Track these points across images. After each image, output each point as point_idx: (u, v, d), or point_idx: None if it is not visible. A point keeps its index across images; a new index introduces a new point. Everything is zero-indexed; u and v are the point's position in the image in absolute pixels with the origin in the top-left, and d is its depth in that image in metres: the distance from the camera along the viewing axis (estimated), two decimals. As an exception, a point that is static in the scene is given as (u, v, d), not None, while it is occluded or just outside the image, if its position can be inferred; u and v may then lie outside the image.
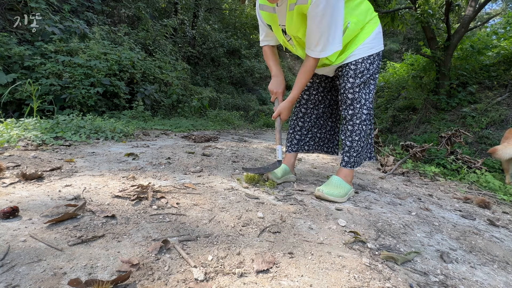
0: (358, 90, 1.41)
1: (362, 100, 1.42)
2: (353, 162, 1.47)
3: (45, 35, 4.10)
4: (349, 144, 1.46)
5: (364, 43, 1.40)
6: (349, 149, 1.46)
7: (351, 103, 1.42)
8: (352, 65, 1.40)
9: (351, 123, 1.44)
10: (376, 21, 1.44)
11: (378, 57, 1.45)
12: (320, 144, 1.78)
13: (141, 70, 5.11)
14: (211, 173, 1.61)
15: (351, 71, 1.40)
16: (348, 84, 1.41)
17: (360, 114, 1.43)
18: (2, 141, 1.85)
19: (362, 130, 1.45)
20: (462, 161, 2.70)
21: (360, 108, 1.42)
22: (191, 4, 9.54)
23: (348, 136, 1.46)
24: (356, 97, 1.41)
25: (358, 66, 1.40)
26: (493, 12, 14.65)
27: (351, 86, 1.41)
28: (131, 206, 1.01)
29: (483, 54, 5.58)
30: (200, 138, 3.17)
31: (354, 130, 1.44)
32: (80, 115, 3.01)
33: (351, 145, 1.46)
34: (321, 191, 1.33)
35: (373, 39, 1.42)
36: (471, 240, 1.05)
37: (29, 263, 0.64)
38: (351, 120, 1.44)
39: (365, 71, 1.41)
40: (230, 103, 9.04)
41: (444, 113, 5.19)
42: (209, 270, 0.68)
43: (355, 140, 1.45)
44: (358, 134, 1.45)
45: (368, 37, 1.40)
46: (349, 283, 0.68)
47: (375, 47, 1.42)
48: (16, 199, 0.97)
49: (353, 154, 1.46)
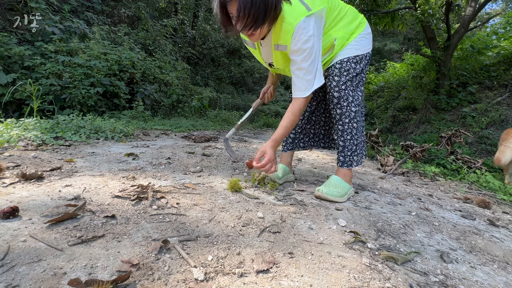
0: (344, 88, 1.39)
1: (349, 98, 1.40)
2: (349, 161, 1.45)
3: (45, 35, 4.10)
4: (342, 144, 1.45)
5: (350, 44, 1.40)
6: (343, 149, 1.45)
7: (337, 102, 1.41)
8: (338, 64, 1.40)
9: (341, 122, 1.43)
10: (363, 23, 1.44)
11: (365, 59, 1.44)
12: (316, 140, 1.77)
13: (141, 70, 5.11)
14: (211, 173, 1.61)
15: (336, 69, 1.39)
16: (334, 82, 1.40)
17: (348, 113, 1.41)
18: (2, 141, 1.85)
19: (353, 128, 1.43)
20: (462, 161, 2.70)
21: (348, 106, 1.40)
22: (191, 4, 9.54)
23: (340, 136, 1.45)
24: (342, 95, 1.39)
25: (343, 65, 1.39)
26: (493, 12, 14.64)
27: (336, 85, 1.39)
28: (131, 206, 1.01)
29: (483, 54, 5.58)
30: (200, 138, 3.17)
31: (345, 129, 1.43)
32: (80, 115, 3.01)
33: (344, 145, 1.44)
34: (320, 191, 1.33)
35: (360, 40, 1.42)
36: (471, 240, 1.05)
37: (29, 263, 0.64)
38: (340, 120, 1.43)
39: (350, 70, 1.39)
40: (230, 103, 9.04)
41: (444, 113, 5.19)
42: (209, 270, 0.68)
43: (347, 139, 1.44)
44: (349, 133, 1.43)
45: (354, 38, 1.41)
46: (349, 283, 0.68)
47: (361, 49, 1.42)
48: (16, 199, 0.97)
49: (347, 153, 1.45)
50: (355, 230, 1.00)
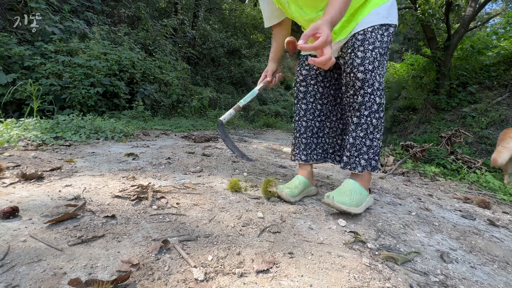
0: (371, 69, 1.06)
1: (375, 83, 1.08)
2: (354, 163, 1.20)
3: (45, 35, 4.11)
4: (352, 140, 1.18)
5: (376, 10, 1.10)
6: (351, 147, 1.18)
7: (361, 86, 1.08)
8: (360, 35, 1.08)
9: (358, 114, 1.13)
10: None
11: (391, 35, 1.13)
12: (330, 152, 1.43)
13: (141, 70, 5.12)
14: (211, 173, 1.61)
15: (358, 41, 1.08)
16: (357, 60, 1.07)
17: (370, 103, 1.09)
18: (2, 141, 1.85)
19: (371, 124, 1.14)
20: (462, 161, 2.71)
21: (372, 95, 1.08)
22: (191, 4, 9.54)
23: (352, 131, 1.18)
24: (368, 78, 1.06)
25: (367, 36, 1.08)
26: (493, 12, 14.64)
27: (361, 62, 1.06)
28: (131, 206, 1.01)
29: (483, 54, 5.59)
30: (200, 138, 3.17)
31: (360, 123, 1.14)
32: (80, 115, 3.01)
33: (354, 142, 1.18)
34: (331, 198, 1.08)
35: (388, 7, 1.12)
36: (471, 240, 1.05)
37: (29, 263, 0.64)
38: (358, 110, 1.12)
39: (376, 43, 1.07)
40: (230, 103, 9.03)
41: (444, 113, 5.19)
42: (209, 270, 0.68)
43: (359, 137, 1.16)
44: (364, 129, 1.14)
45: (382, 4, 1.11)
46: (349, 283, 0.68)
47: (389, 17, 1.11)
48: (16, 199, 0.97)
49: (353, 153, 1.18)
50: (355, 230, 1.00)
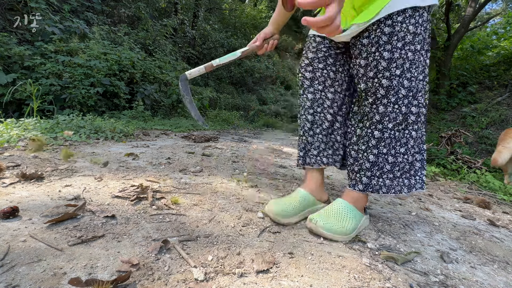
0: (398, 74, 0.84)
1: (402, 91, 0.85)
2: (378, 185, 0.95)
3: (45, 35, 4.10)
4: (373, 158, 0.93)
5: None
6: (372, 166, 0.94)
7: (385, 94, 0.86)
8: (387, 28, 0.83)
9: (380, 127, 0.90)
10: None
11: (428, 21, 0.87)
12: (341, 154, 1.15)
13: (141, 70, 5.11)
14: (211, 173, 1.61)
15: (385, 37, 0.83)
16: (383, 63, 0.84)
17: (395, 114, 0.88)
18: (2, 141, 1.85)
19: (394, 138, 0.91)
20: (462, 161, 2.71)
21: (396, 104, 0.87)
22: (191, 4, 9.54)
23: (373, 147, 0.93)
24: (394, 85, 0.85)
25: (396, 30, 0.82)
26: (493, 12, 14.64)
27: (387, 67, 0.84)
28: (131, 206, 1.01)
29: (483, 54, 5.59)
30: (200, 138, 3.17)
31: (384, 138, 0.91)
32: (80, 115, 3.01)
33: (376, 160, 0.93)
34: (314, 222, 0.89)
35: None
36: (471, 240, 1.05)
37: (29, 263, 0.64)
38: (380, 123, 0.90)
39: (407, 37, 0.82)
40: (230, 103, 9.03)
41: (444, 113, 5.19)
42: (209, 270, 0.68)
43: (382, 154, 0.92)
44: (388, 144, 0.92)
45: None
46: (349, 283, 0.68)
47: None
48: (16, 199, 0.97)
49: (375, 172, 0.94)
50: (355, 230, 1.00)
